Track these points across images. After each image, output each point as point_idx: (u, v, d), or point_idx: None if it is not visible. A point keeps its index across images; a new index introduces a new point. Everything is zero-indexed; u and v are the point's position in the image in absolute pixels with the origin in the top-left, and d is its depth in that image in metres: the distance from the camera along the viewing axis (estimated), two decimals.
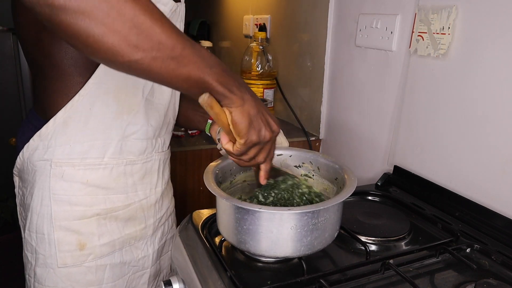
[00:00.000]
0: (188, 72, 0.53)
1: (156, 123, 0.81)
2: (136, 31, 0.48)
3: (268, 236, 0.62)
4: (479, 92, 0.85)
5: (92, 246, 0.77)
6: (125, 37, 0.47)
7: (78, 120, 0.72)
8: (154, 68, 0.51)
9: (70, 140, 0.72)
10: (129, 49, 0.48)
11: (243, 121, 0.59)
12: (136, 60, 0.49)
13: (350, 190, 0.66)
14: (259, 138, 0.62)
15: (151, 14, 0.49)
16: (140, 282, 0.87)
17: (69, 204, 0.74)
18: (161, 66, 0.51)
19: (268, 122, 0.63)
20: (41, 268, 0.77)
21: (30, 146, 0.74)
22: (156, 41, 0.49)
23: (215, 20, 2.40)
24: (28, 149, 0.74)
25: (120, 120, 0.75)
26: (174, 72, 0.52)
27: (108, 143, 0.75)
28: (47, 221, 0.74)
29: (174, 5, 0.76)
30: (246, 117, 0.59)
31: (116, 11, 0.46)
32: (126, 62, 0.49)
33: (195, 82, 0.54)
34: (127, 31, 0.47)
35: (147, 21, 0.48)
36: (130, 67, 0.50)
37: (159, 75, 0.52)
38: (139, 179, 0.81)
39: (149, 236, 0.86)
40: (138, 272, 0.86)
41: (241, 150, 0.62)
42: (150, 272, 0.88)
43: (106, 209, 0.77)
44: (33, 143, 0.73)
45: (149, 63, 0.50)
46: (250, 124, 0.60)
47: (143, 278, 0.87)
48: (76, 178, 0.74)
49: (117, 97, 0.73)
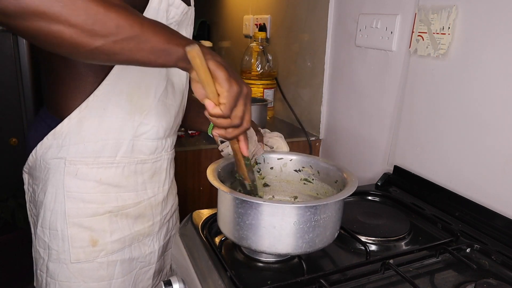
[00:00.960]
0: (150, 45, 0.55)
1: (167, 123, 0.83)
2: (92, 21, 0.51)
3: (270, 231, 0.63)
4: (479, 92, 0.85)
5: (104, 243, 0.79)
6: (82, 29, 0.50)
7: (92, 120, 0.74)
8: (116, 50, 0.54)
9: (84, 139, 0.74)
10: (88, 39, 0.51)
11: (221, 70, 0.59)
12: (97, 47, 0.52)
13: (352, 189, 0.67)
14: (239, 87, 0.60)
15: (103, 2, 0.52)
16: (146, 277, 0.89)
17: (82, 202, 0.76)
18: (123, 47, 0.54)
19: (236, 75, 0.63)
20: (54, 264, 0.78)
21: (44, 144, 0.76)
22: (113, 26, 0.52)
23: (215, 20, 2.40)
24: (42, 147, 0.76)
25: (132, 120, 0.77)
26: (137, 48, 0.55)
27: (121, 142, 0.77)
28: (60, 218, 0.76)
29: (186, 8, 0.78)
30: (222, 67, 0.59)
31: (69, 7, 0.49)
32: (88, 51, 0.52)
33: (161, 51, 0.56)
34: (83, 23, 0.50)
35: (100, 9, 0.51)
36: (94, 54, 0.54)
37: (123, 55, 0.55)
38: (148, 177, 0.83)
39: (155, 233, 0.88)
40: (145, 267, 0.88)
41: (229, 104, 0.60)
42: (155, 267, 0.90)
43: (118, 207, 0.79)
44: (47, 142, 0.75)
45: (111, 47, 0.53)
46: (227, 71, 0.59)
47: (149, 273, 0.89)
48: (89, 176, 0.76)
49: (130, 98, 0.76)
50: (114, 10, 0.52)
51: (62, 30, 0.50)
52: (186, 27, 0.84)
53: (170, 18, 0.76)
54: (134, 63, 0.58)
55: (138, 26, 0.54)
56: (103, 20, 0.51)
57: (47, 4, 0.48)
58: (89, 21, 0.50)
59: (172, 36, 0.57)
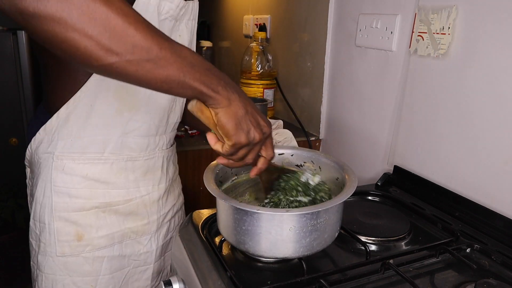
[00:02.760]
0: (166, 73, 0.52)
1: (159, 121, 0.82)
2: (109, 35, 0.47)
3: (266, 237, 0.62)
4: (479, 92, 0.85)
5: (90, 238, 0.79)
6: (98, 42, 0.47)
7: (79, 116, 0.75)
8: (130, 71, 0.50)
9: (71, 134, 0.75)
10: (102, 53, 0.48)
11: (230, 122, 0.57)
12: (110, 64, 0.49)
13: (350, 191, 0.66)
14: (248, 140, 0.60)
15: (124, 17, 0.48)
16: (143, 278, 0.88)
17: (68, 196, 0.77)
18: (137, 69, 0.50)
19: (258, 122, 0.61)
20: (42, 256, 0.80)
21: (36, 139, 0.77)
22: (130, 44, 0.48)
23: (215, 20, 2.40)
24: (35, 142, 0.78)
25: (121, 117, 0.77)
26: (151, 74, 0.51)
27: (109, 139, 0.77)
28: (48, 211, 0.77)
29: (182, 2, 0.76)
30: (233, 118, 0.57)
31: (87, 16, 0.46)
32: (101, 66, 0.49)
33: (175, 83, 0.53)
34: (99, 36, 0.47)
35: (119, 24, 0.48)
36: (106, 71, 0.50)
37: (136, 78, 0.51)
38: (141, 175, 0.83)
39: (153, 232, 0.88)
40: (140, 267, 0.87)
41: (229, 151, 0.61)
42: (153, 268, 0.89)
43: (105, 203, 0.80)
44: (39, 137, 0.77)
45: (124, 66, 0.49)
46: (237, 125, 0.58)
47: (146, 273, 0.88)
48: (76, 172, 0.77)
49: (118, 95, 0.75)
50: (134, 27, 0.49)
51: (77, 39, 0.47)
52: (187, 22, 0.82)
53: (164, 13, 0.74)
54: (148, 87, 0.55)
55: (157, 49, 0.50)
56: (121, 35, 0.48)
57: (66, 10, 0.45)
58: (105, 33, 0.47)
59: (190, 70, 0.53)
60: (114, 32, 0.47)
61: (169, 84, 0.53)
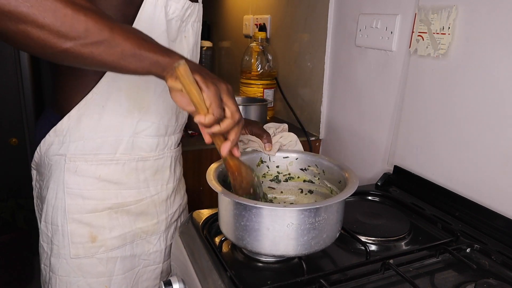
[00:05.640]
0: (121, 49, 0.55)
1: (169, 120, 0.83)
2: (60, 23, 0.51)
3: (264, 233, 0.63)
4: (479, 92, 0.85)
5: (103, 239, 0.79)
6: (50, 30, 0.51)
7: (91, 117, 0.75)
8: (85, 54, 0.53)
9: (83, 136, 0.75)
10: (56, 40, 0.51)
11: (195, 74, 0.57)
12: (66, 49, 0.52)
13: (349, 191, 0.66)
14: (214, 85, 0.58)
15: (72, 5, 0.52)
16: (152, 277, 0.89)
17: (81, 198, 0.77)
18: (92, 51, 0.53)
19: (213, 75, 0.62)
20: (55, 258, 0.80)
21: (46, 141, 0.77)
22: (83, 29, 0.52)
23: (215, 20, 2.40)
24: (45, 144, 0.77)
25: (131, 117, 0.77)
26: (106, 53, 0.54)
27: (120, 139, 0.77)
28: (61, 214, 0.77)
29: (188, 3, 0.77)
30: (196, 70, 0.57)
31: (36, 9, 0.49)
32: (57, 52, 0.53)
33: (131, 57, 0.55)
34: (51, 25, 0.50)
35: (69, 11, 0.51)
36: (62, 56, 0.54)
37: (92, 59, 0.54)
38: (151, 175, 0.83)
39: (162, 232, 0.88)
40: (150, 266, 0.88)
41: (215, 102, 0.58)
42: (163, 267, 0.90)
43: (118, 204, 0.80)
44: (49, 139, 0.77)
45: (79, 50, 0.53)
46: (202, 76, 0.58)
47: (155, 273, 0.89)
48: (88, 173, 0.77)
49: (129, 95, 0.76)
50: (83, 13, 0.52)
51: (29, 30, 0.50)
52: (193, 24, 0.83)
53: (171, 14, 0.75)
54: (105, 68, 0.58)
55: (108, 30, 0.54)
56: (72, 22, 0.51)
57: (14, 4, 0.48)
58: (57, 22, 0.51)
59: (144, 42, 0.57)
60: (65, 19, 0.51)
61: (125, 59, 0.55)
